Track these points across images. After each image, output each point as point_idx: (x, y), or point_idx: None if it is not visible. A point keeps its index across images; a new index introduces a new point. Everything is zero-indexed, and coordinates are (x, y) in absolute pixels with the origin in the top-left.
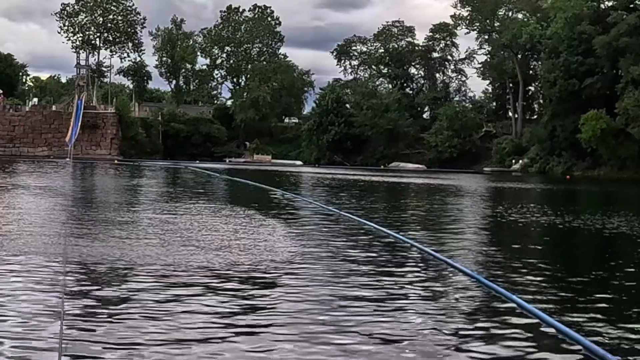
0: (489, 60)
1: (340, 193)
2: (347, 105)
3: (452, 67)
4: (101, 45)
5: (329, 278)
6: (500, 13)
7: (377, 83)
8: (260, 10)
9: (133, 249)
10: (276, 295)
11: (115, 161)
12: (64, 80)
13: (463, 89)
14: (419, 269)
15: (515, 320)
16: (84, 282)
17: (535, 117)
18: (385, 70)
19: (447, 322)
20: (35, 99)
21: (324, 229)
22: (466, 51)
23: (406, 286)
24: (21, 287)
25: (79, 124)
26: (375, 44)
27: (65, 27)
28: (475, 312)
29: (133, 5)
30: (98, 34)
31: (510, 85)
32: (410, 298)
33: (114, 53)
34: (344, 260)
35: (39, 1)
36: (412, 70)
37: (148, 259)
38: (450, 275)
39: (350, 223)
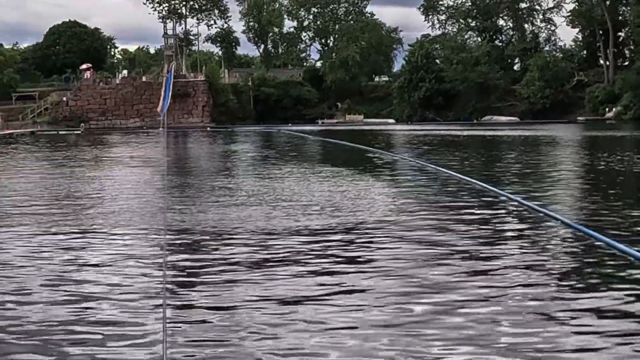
0: (577, 7)
1: (435, 149)
2: (437, 61)
3: (541, 16)
4: (187, 13)
5: (430, 236)
6: None
7: (466, 37)
8: None
9: (240, 215)
10: (385, 255)
11: (208, 128)
12: (152, 51)
13: (553, 38)
14: (519, 223)
15: (621, 270)
16: (191, 250)
17: (627, 63)
18: (473, 24)
19: (552, 275)
20: (125, 71)
21: (423, 186)
22: (554, 0)
23: (508, 242)
24: (128, 257)
25: (170, 93)
26: None
27: None
28: (578, 263)
29: None
30: (184, 3)
31: (600, 32)
32: (512, 253)
33: (201, 21)
34: (445, 219)
35: None
36: (501, 22)
37: (257, 224)
38: (552, 227)
39: (449, 179)
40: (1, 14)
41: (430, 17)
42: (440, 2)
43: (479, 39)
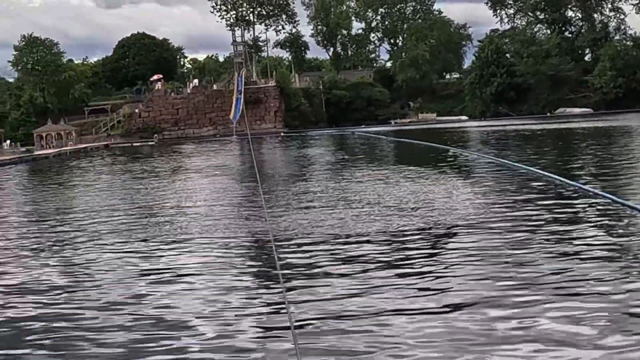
0: None
1: (512, 144)
2: (507, 55)
3: (609, 5)
4: (255, 20)
5: (514, 234)
6: None
7: (535, 29)
8: None
9: (334, 219)
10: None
11: (282, 134)
12: (221, 59)
13: (622, 27)
14: (604, 218)
15: None
16: (297, 256)
17: None
18: (542, 16)
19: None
20: (196, 80)
21: (504, 183)
22: None
23: (594, 237)
24: (238, 265)
25: (242, 100)
26: None
27: (218, 6)
28: None
29: None
30: (251, 10)
31: None
32: (598, 250)
33: (269, 26)
34: (528, 216)
35: None
36: (569, 13)
37: (351, 228)
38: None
39: (530, 176)
40: (69, 30)
41: (499, 11)
42: None
43: (549, 31)
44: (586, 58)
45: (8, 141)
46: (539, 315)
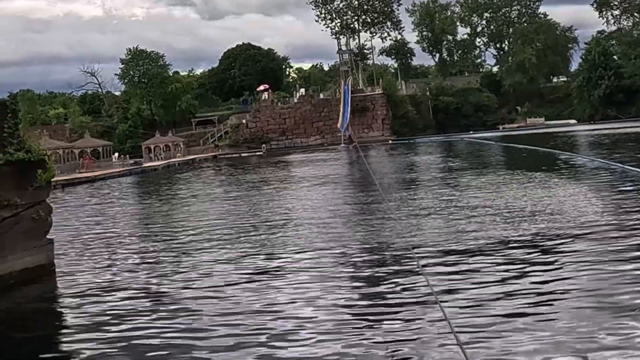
0: None
1: (624, 147)
2: (615, 57)
3: None
4: (360, 28)
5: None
6: None
7: None
8: None
9: (468, 226)
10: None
11: (390, 141)
12: (326, 67)
13: None
14: None
15: None
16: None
17: None
18: None
19: None
20: (302, 90)
21: (616, 189)
22: None
23: None
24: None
25: (349, 108)
26: None
27: (322, 15)
28: None
29: None
30: (356, 17)
31: None
32: None
33: (374, 34)
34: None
35: None
36: None
37: (495, 233)
38: None
39: None
40: (174, 42)
41: (604, 12)
42: None
43: None
44: None
45: (117, 154)
46: None
